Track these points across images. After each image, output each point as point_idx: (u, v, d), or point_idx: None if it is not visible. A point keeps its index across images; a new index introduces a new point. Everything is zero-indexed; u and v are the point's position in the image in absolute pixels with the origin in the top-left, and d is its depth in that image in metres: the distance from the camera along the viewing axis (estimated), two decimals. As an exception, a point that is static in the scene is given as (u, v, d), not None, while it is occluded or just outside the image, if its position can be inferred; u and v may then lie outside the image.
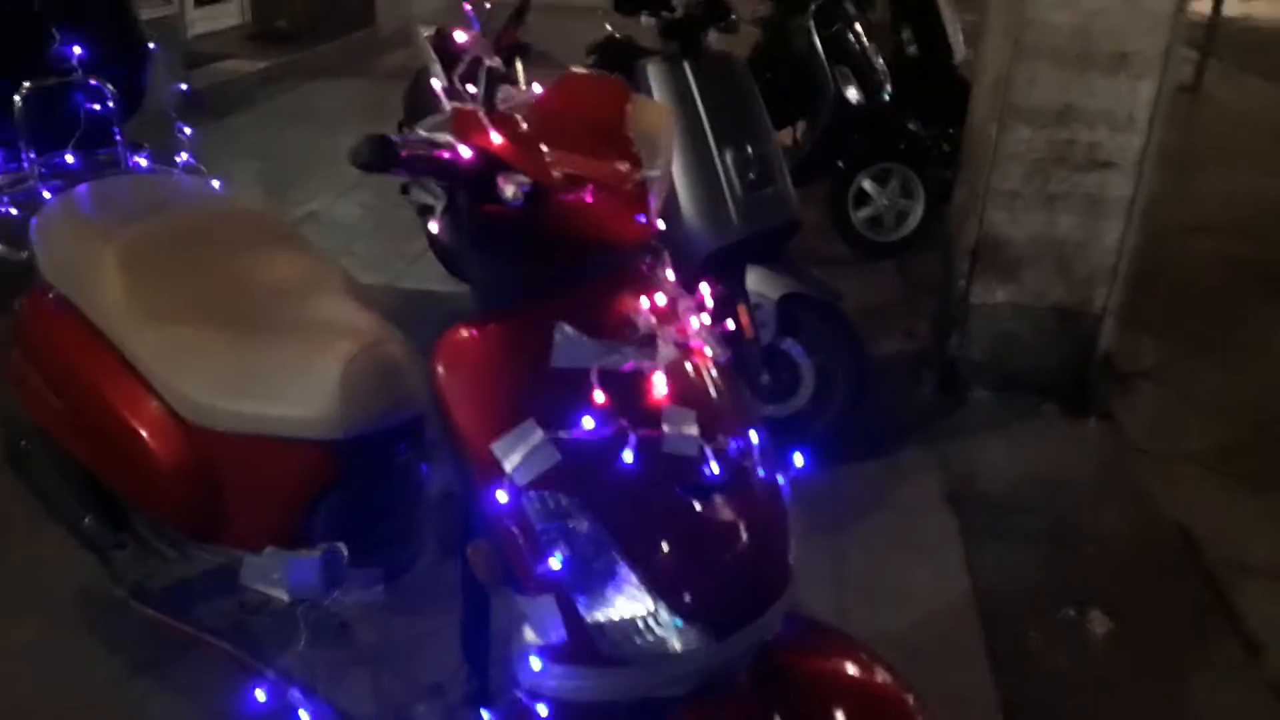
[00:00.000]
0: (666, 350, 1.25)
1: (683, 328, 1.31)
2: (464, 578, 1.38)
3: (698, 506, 1.20)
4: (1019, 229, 3.10)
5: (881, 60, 4.31)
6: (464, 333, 1.24)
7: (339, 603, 1.65)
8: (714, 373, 1.32)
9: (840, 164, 4.24)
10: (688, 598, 1.17)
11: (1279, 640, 2.38)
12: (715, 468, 1.20)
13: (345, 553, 1.60)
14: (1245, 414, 3.33)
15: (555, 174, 1.18)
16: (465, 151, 1.15)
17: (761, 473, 1.29)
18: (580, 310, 1.24)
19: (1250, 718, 2.20)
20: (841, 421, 2.90)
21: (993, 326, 3.24)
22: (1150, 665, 2.33)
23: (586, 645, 1.16)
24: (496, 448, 1.16)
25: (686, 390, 1.25)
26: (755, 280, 2.80)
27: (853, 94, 4.16)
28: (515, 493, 1.16)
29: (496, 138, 1.17)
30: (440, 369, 1.23)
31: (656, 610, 1.15)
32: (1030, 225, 3.09)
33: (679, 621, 1.16)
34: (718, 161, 2.74)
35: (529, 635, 1.20)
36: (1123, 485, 2.97)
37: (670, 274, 1.40)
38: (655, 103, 1.35)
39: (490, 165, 1.14)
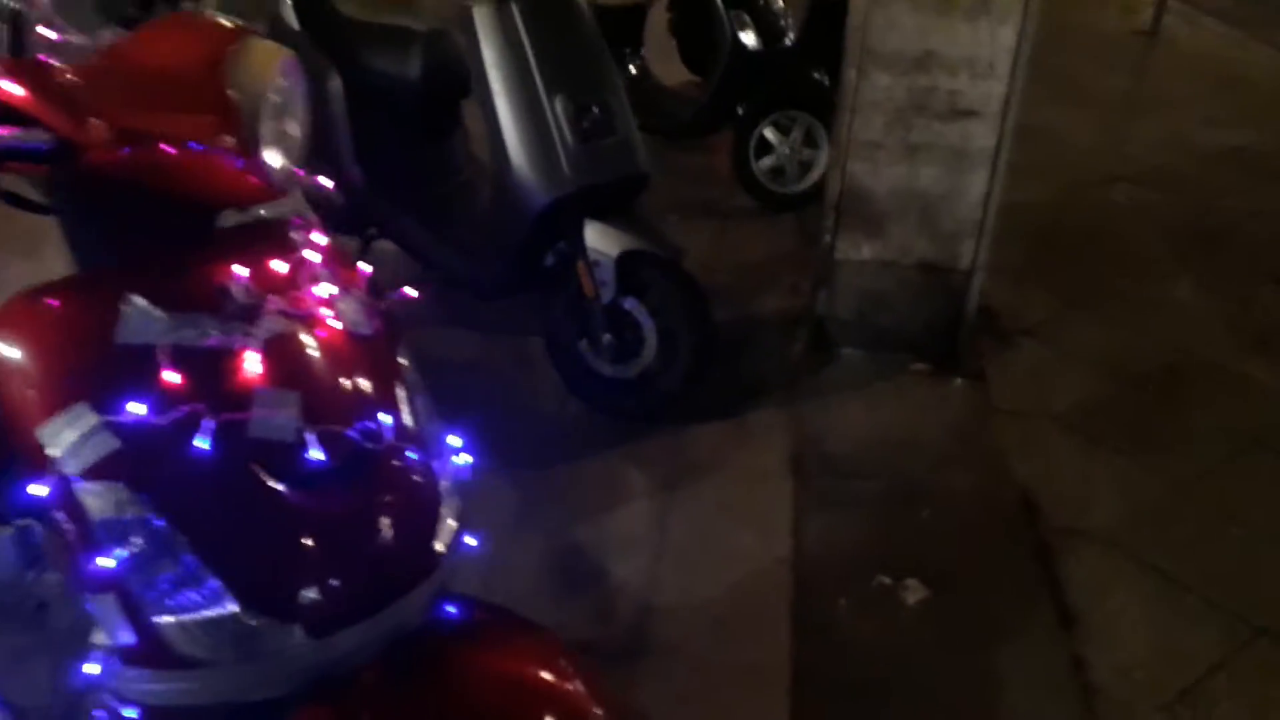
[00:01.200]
0: (270, 324, 1.16)
1: (302, 298, 1.22)
2: None
3: (295, 498, 1.09)
4: (881, 181, 2.98)
5: (783, 4, 4.16)
6: (23, 301, 1.14)
7: (39, 583, 1.59)
8: (346, 348, 1.23)
9: (739, 112, 4.11)
10: (278, 596, 1.08)
11: (1095, 610, 2.32)
12: (319, 454, 1.11)
13: (40, 530, 1.54)
14: (1120, 372, 3.24)
15: (92, 129, 1.08)
16: None
17: (412, 455, 1.21)
18: (170, 278, 1.14)
19: (1048, 690, 2.14)
20: (686, 382, 2.82)
21: (860, 283, 3.14)
22: (959, 636, 2.27)
23: (159, 647, 1.07)
24: (42, 432, 1.07)
25: (295, 369, 1.15)
26: (594, 236, 2.70)
27: (750, 39, 4.01)
28: (65, 483, 1.07)
29: (12, 87, 1.07)
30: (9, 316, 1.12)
31: (239, 611, 1.06)
32: (893, 177, 2.97)
33: (268, 621, 1.07)
34: (548, 110, 2.63)
35: (97, 635, 1.13)
36: (976, 448, 2.89)
37: (319, 237, 1.32)
38: (269, 48, 1.24)
39: (7, 116, 1.05)
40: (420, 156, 3.19)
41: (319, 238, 1.31)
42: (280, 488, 1.09)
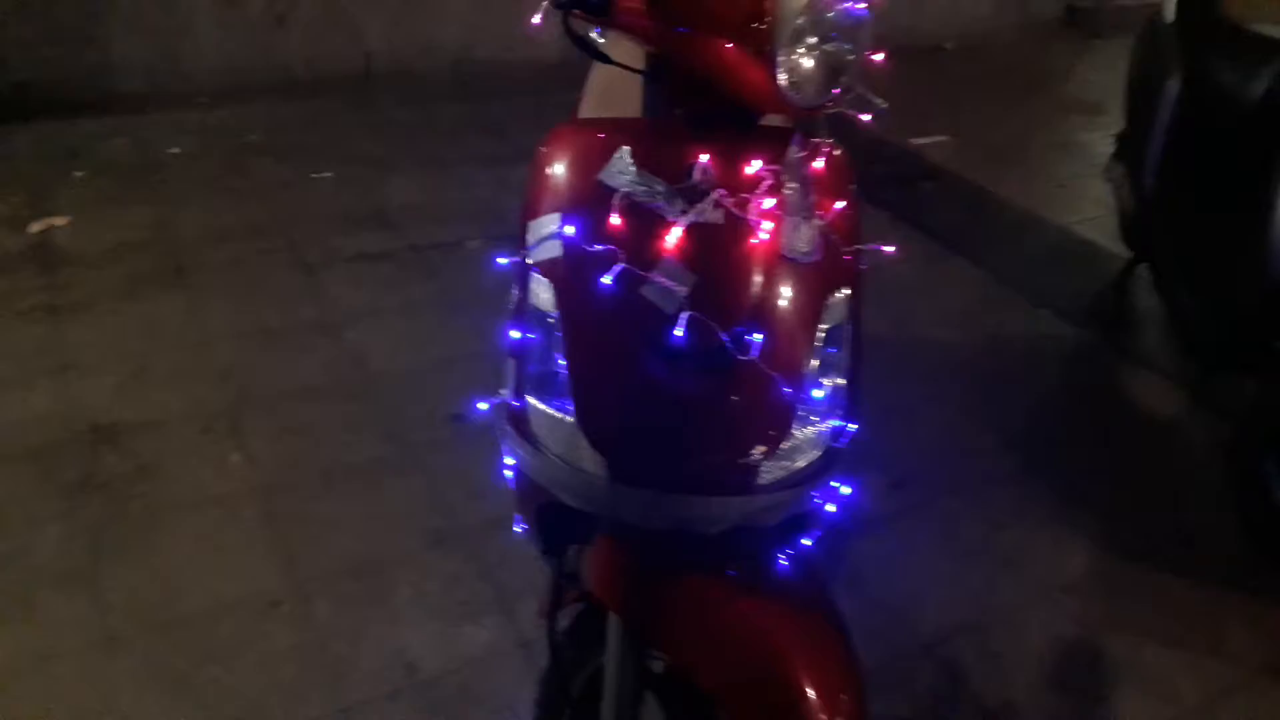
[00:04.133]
0: (706, 211, 1.21)
1: (751, 203, 1.24)
2: None
3: (648, 360, 1.18)
4: None
5: None
6: (563, 129, 1.35)
7: None
8: (764, 262, 1.22)
9: None
10: (601, 428, 1.20)
11: None
12: (681, 332, 1.16)
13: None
14: None
15: None
16: None
17: (774, 382, 1.19)
18: (664, 144, 1.26)
19: None
20: None
21: None
22: None
23: (525, 418, 1.25)
24: (529, 225, 1.28)
25: (705, 257, 1.21)
26: None
27: None
28: (525, 267, 1.27)
29: None
30: (540, 150, 1.35)
31: (573, 423, 1.20)
32: None
33: (587, 444, 1.20)
34: None
35: (503, 388, 1.31)
36: None
37: (819, 162, 1.30)
38: None
39: None
40: (1222, 189, 2.73)
41: (818, 161, 1.29)
42: (645, 347, 1.18)
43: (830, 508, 1.30)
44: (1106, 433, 2.68)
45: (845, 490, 1.32)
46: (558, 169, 1.32)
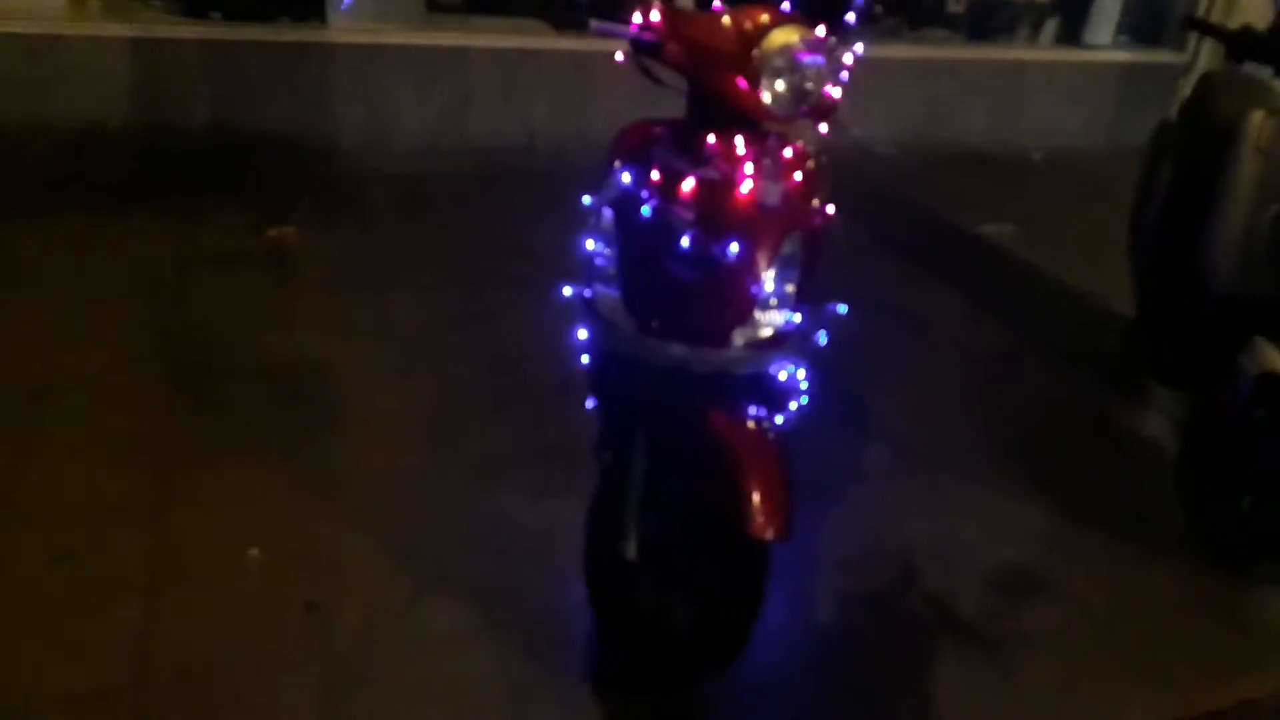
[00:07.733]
0: (709, 171, 1.86)
1: (738, 167, 1.84)
2: None
3: (665, 259, 1.85)
4: None
5: None
6: (633, 126, 2.04)
7: None
8: (743, 204, 1.83)
9: None
10: (632, 300, 1.95)
11: None
12: (687, 243, 1.83)
13: None
14: None
15: (671, 44, 1.85)
16: (637, 18, 1.89)
17: (742, 280, 1.85)
18: (694, 132, 1.89)
19: None
20: None
21: None
22: None
23: (590, 300, 2.01)
24: (608, 176, 1.95)
25: (706, 197, 1.85)
26: (1255, 350, 2.66)
27: None
28: (600, 201, 1.97)
29: (655, 17, 1.88)
30: (617, 134, 2.05)
31: (618, 297, 1.96)
32: None
33: (625, 310, 1.95)
34: (1253, 212, 2.71)
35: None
36: None
37: (789, 152, 1.93)
38: (789, 31, 1.89)
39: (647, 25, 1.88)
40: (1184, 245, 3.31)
41: (788, 151, 1.96)
42: (661, 253, 1.87)
43: (783, 375, 1.93)
44: (1093, 439, 3.33)
45: (799, 371, 1.98)
46: (626, 144, 2.00)
